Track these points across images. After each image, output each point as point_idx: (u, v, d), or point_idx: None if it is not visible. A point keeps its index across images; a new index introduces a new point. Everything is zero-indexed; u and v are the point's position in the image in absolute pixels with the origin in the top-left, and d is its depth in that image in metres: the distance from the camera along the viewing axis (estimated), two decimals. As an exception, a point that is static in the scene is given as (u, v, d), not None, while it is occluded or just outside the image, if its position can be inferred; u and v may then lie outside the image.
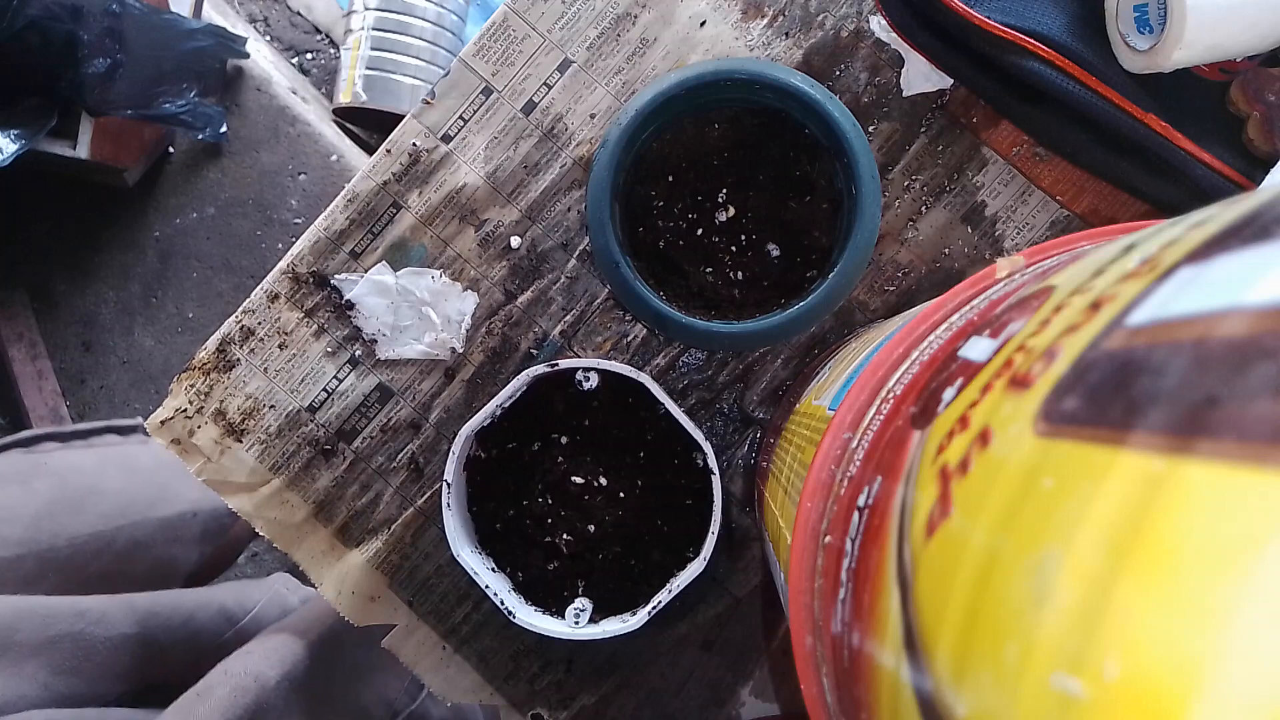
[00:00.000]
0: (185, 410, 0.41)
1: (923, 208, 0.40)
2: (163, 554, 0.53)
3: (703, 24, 0.40)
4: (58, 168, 0.93)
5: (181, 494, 0.57)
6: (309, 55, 1.19)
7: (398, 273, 0.40)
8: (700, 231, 0.40)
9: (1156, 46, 0.33)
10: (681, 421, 0.34)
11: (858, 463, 0.18)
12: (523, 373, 0.35)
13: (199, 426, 0.41)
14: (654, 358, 0.41)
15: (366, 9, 0.98)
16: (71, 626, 0.47)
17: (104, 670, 0.49)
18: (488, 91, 0.40)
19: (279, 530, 0.41)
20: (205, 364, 0.41)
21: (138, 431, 0.60)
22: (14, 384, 1.03)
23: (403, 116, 0.41)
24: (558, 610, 0.37)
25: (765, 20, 0.40)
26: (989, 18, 0.35)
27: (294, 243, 0.41)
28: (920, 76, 0.39)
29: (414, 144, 0.41)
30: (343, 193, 0.41)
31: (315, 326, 0.41)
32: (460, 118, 0.41)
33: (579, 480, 0.38)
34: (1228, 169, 0.35)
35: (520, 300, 0.41)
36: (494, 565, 0.37)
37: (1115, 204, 0.39)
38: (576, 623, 0.35)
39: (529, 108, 0.40)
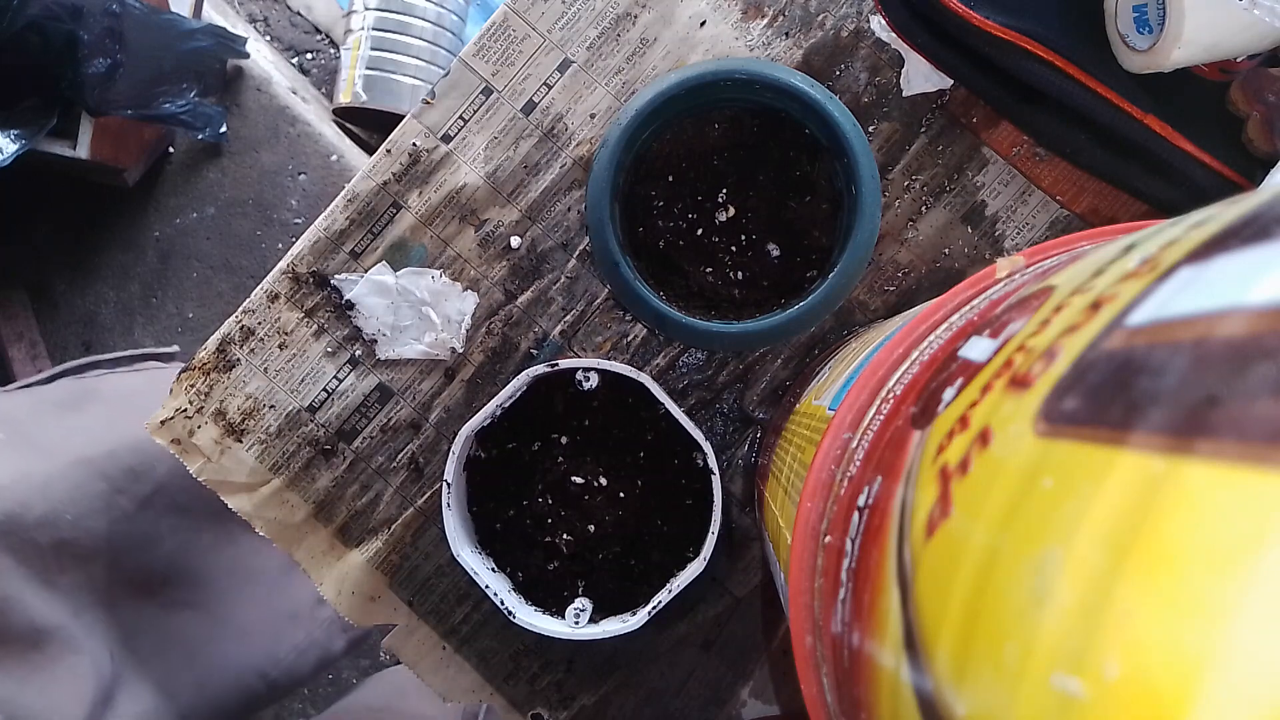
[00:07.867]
0: (185, 410, 0.41)
1: (923, 208, 0.40)
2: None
3: (703, 24, 0.40)
4: (58, 168, 0.93)
5: None
6: (309, 55, 1.19)
7: (398, 273, 0.40)
8: (700, 231, 0.40)
9: (1156, 46, 0.33)
10: (681, 421, 0.34)
11: (858, 463, 0.18)
12: (523, 373, 0.35)
13: (199, 426, 0.41)
14: (654, 358, 0.41)
15: (366, 9, 0.98)
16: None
17: None
18: (488, 91, 0.40)
19: (279, 530, 0.41)
20: (205, 364, 0.41)
21: (175, 359, 0.63)
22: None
23: (403, 116, 0.41)
24: (558, 610, 0.36)
25: (765, 20, 0.40)
26: (988, 18, 0.35)
27: (294, 243, 0.41)
28: (920, 76, 0.39)
29: (414, 144, 0.41)
30: (343, 193, 0.41)
31: (315, 326, 0.41)
32: (460, 118, 0.41)
33: (579, 480, 0.38)
34: (1227, 169, 0.35)
35: (520, 300, 0.41)
36: (494, 565, 0.37)
37: (1115, 204, 0.39)
38: (576, 623, 0.35)
39: (529, 108, 0.40)
